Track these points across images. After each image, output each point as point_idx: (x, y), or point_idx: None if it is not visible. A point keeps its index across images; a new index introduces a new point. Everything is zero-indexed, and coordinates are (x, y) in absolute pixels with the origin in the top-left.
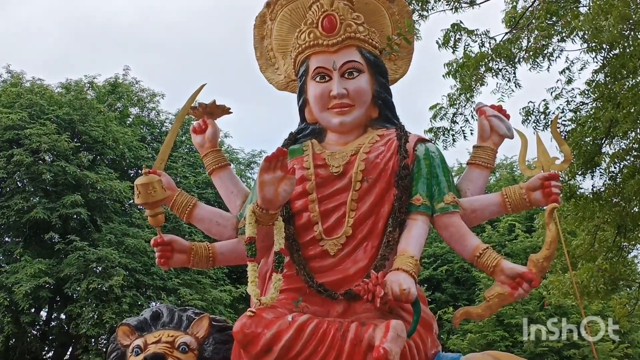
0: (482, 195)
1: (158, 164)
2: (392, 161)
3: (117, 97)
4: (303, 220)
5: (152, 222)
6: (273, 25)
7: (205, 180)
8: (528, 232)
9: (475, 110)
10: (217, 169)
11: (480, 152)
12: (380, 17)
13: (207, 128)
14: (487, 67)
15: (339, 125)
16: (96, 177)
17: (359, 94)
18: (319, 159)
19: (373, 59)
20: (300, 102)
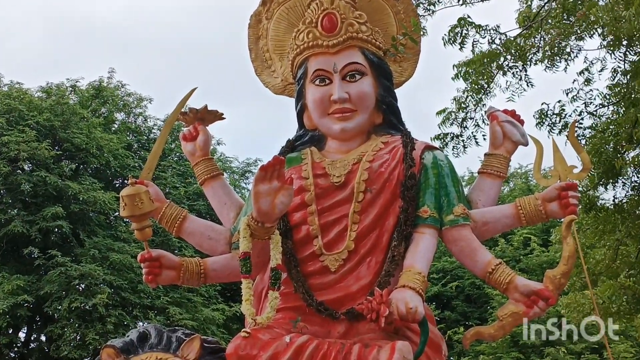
0: (494, 207)
1: (145, 174)
2: (398, 170)
3: (101, 102)
4: (302, 234)
5: (139, 236)
6: (269, 24)
7: (196, 191)
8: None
9: (487, 115)
10: (209, 178)
11: (492, 160)
12: (384, 16)
13: (198, 135)
14: (497, 64)
15: (340, 132)
16: (79, 188)
17: (362, 98)
18: (319, 168)
19: (377, 61)
20: (298, 107)
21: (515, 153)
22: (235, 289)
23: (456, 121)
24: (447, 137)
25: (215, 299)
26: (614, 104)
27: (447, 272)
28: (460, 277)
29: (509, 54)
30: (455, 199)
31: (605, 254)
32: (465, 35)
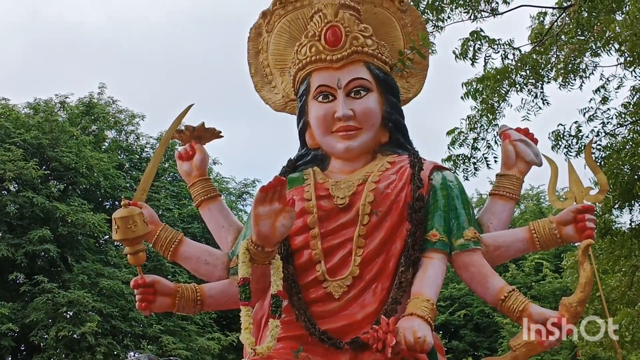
0: (506, 231)
1: (139, 195)
2: (405, 192)
3: (91, 119)
4: (304, 258)
5: (132, 260)
6: (270, 38)
7: (191, 213)
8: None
9: (499, 134)
10: (206, 200)
11: (505, 181)
12: (391, 29)
13: (195, 154)
14: (510, 81)
15: (345, 151)
16: (67, 209)
17: (367, 115)
18: (322, 189)
19: (383, 76)
20: (300, 125)
21: (528, 174)
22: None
23: (466, 142)
24: (458, 158)
25: (211, 327)
26: (631, 122)
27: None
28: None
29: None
30: (465, 222)
31: (620, 281)
32: (477, 50)
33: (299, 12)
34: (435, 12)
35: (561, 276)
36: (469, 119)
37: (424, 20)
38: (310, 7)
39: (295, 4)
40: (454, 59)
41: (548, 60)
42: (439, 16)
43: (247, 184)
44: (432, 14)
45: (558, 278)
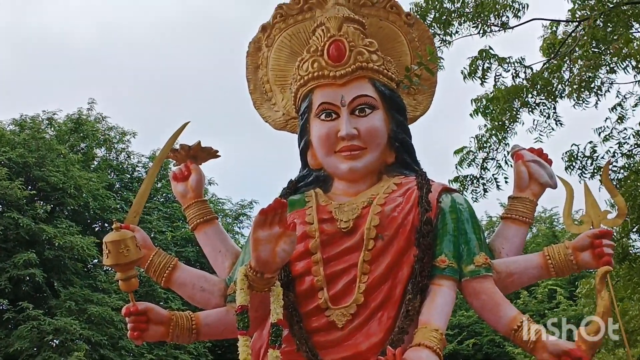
0: (519, 257)
1: (131, 217)
2: (412, 215)
3: (80, 137)
4: (305, 285)
5: (124, 286)
6: (269, 52)
7: (185, 236)
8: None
9: (511, 155)
10: (202, 223)
11: (517, 204)
12: (397, 44)
13: (190, 175)
14: (522, 101)
15: (349, 172)
16: (54, 232)
17: (372, 134)
18: (325, 212)
19: (389, 93)
20: (301, 145)
21: None
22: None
23: (475, 162)
24: (466, 179)
25: (205, 357)
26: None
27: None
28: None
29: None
30: (476, 247)
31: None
32: (486, 69)
33: (300, 25)
34: (442, 27)
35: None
36: (478, 137)
37: (431, 34)
38: (313, 21)
39: (297, 17)
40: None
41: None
42: (447, 30)
43: (244, 206)
44: (439, 28)
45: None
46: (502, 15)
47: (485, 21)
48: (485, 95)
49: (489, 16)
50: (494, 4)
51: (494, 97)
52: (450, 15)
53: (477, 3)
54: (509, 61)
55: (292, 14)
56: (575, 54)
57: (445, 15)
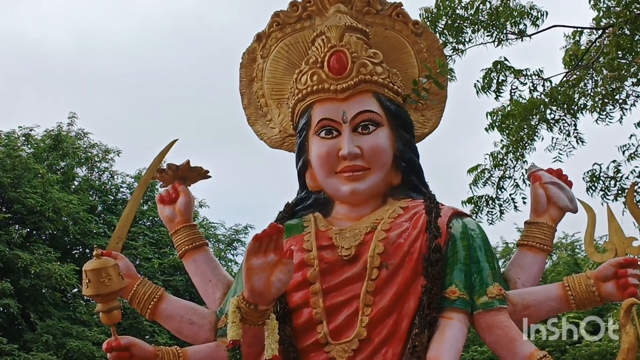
0: (537, 287)
1: (114, 243)
2: (420, 242)
3: (59, 155)
4: (303, 318)
5: (105, 319)
6: (265, 64)
7: (173, 264)
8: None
9: (528, 176)
10: (191, 250)
11: (535, 230)
12: (404, 55)
13: (179, 197)
14: (540, 116)
15: (350, 195)
16: (30, 259)
17: (377, 153)
18: (324, 238)
19: (395, 109)
20: (299, 165)
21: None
22: None
23: (490, 181)
24: (480, 200)
25: None
26: None
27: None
28: None
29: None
30: (489, 277)
31: None
32: (502, 82)
33: (299, 35)
34: (454, 34)
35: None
36: (494, 154)
37: (441, 44)
38: (312, 30)
39: (295, 25)
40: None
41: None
42: (459, 38)
43: (238, 231)
44: (451, 36)
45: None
46: (519, 23)
47: (501, 29)
48: (502, 108)
49: (505, 24)
50: (510, 10)
51: (510, 112)
52: (463, 22)
53: (492, 9)
54: (526, 73)
55: (289, 22)
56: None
57: (457, 22)
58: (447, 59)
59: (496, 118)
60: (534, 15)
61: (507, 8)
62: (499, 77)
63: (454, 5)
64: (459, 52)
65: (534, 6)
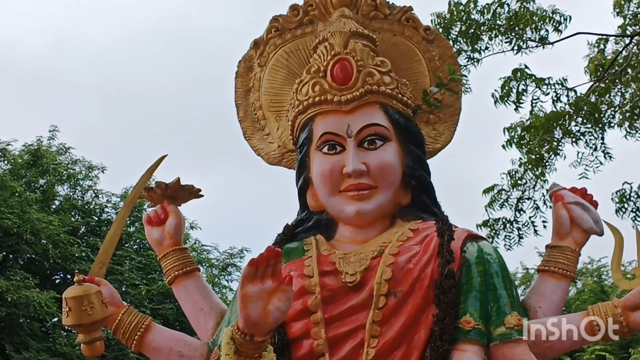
0: (559, 317)
1: (97, 268)
2: (431, 267)
3: (39, 172)
4: (303, 350)
5: (87, 351)
6: (263, 73)
7: (162, 290)
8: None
9: (549, 195)
10: (182, 275)
11: (557, 254)
12: (414, 63)
13: (168, 218)
14: (564, 129)
15: (356, 215)
16: (7, 285)
17: (384, 171)
18: (327, 263)
19: (404, 122)
20: (300, 183)
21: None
22: None
23: (508, 203)
24: (497, 223)
25: None
26: None
27: None
28: None
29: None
30: (507, 306)
31: None
32: (522, 92)
33: (299, 41)
34: (470, 42)
35: None
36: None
37: (455, 52)
38: (314, 36)
39: (295, 31)
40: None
41: (611, 102)
42: (475, 46)
43: (233, 255)
44: (466, 43)
45: None
46: (540, 29)
47: (521, 35)
48: (521, 123)
49: (524, 29)
50: (530, 15)
51: (531, 125)
52: (479, 28)
53: (510, 14)
54: (548, 82)
55: (289, 27)
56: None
57: (473, 28)
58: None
59: (514, 134)
60: (556, 20)
61: (527, 12)
62: (518, 85)
63: (469, 9)
64: (475, 61)
65: (557, 10)
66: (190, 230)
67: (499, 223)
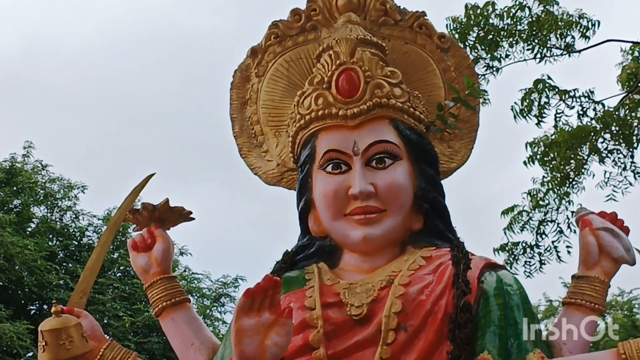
0: (586, 355)
1: (77, 298)
2: (445, 299)
3: (13, 191)
4: None
5: None
6: (261, 84)
7: (149, 322)
8: None
9: (575, 220)
10: (170, 307)
11: (584, 285)
12: (428, 74)
13: (155, 243)
14: (591, 146)
15: (362, 241)
16: None
17: (394, 192)
18: (330, 293)
19: (415, 139)
20: (301, 205)
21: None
22: None
23: (529, 225)
24: (516, 247)
25: None
26: None
27: None
28: None
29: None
30: (529, 343)
31: None
32: (544, 105)
33: (301, 49)
34: (488, 49)
35: None
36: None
37: (472, 61)
38: (318, 43)
39: (297, 38)
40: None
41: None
42: (494, 54)
43: (226, 284)
44: (484, 50)
45: None
46: (565, 35)
47: (544, 42)
48: (545, 138)
49: (548, 36)
50: (554, 20)
51: (555, 141)
52: (499, 33)
53: (533, 19)
54: (573, 95)
55: (290, 34)
56: None
57: (492, 33)
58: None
59: (537, 149)
60: (583, 25)
61: (550, 16)
62: (541, 98)
63: (487, 13)
64: (494, 70)
65: (584, 15)
66: (179, 257)
67: (518, 247)
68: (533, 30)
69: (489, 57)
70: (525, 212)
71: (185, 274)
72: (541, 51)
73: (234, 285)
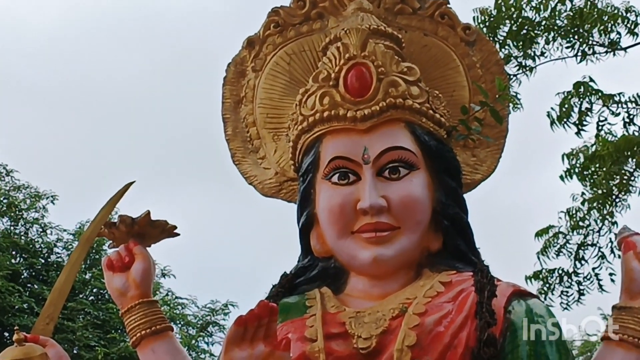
0: None
1: (43, 324)
2: (467, 331)
3: None
4: None
5: None
6: (258, 80)
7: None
8: None
9: (618, 242)
10: (150, 335)
11: (627, 318)
12: (450, 71)
13: (134, 262)
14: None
15: (372, 263)
16: None
17: (409, 207)
18: (335, 323)
19: (435, 146)
20: (303, 221)
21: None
22: None
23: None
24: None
25: None
26: None
27: None
28: None
29: None
30: None
31: None
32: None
33: (305, 40)
34: (522, 45)
35: None
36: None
37: (502, 58)
38: (324, 34)
39: (300, 28)
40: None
41: None
42: (528, 51)
43: (214, 310)
44: (516, 47)
45: None
46: (610, 31)
47: (586, 39)
48: (584, 148)
49: (591, 32)
50: (599, 14)
51: (597, 152)
52: (534, 28)
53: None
54: (619, 100)
55: (293, 22)
56: None
57: (526, 28)
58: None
59: (576, 162)
60: (630, 20)
61: (594, 10)
62: (581, 104)
63: (521, 4)
64: (527, 69)
65: (631, 8)
66: (161, 279)
67: (554, 275)
68: (574, 25)
69: (521, 55)
70: (562, 234)
71: (167, 299)
72: (582, 49)
73: (224, 312)
